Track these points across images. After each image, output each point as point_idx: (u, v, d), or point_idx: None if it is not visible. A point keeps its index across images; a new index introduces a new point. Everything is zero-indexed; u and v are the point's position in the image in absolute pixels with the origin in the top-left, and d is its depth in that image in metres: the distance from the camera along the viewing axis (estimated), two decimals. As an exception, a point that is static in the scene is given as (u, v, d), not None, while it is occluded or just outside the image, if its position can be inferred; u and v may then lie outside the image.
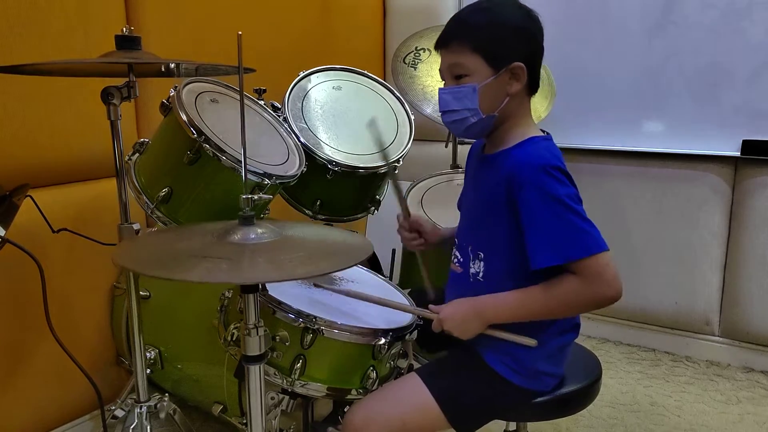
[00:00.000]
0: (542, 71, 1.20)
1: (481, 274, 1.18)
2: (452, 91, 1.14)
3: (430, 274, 1.36)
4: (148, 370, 1.51)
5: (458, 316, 1.14)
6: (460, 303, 1.16)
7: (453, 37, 1.13)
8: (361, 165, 1.69)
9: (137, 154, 1.46)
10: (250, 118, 1.58)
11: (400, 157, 1.76)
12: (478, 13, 1.13)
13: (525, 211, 1.07)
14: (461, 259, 1.24)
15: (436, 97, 1.19)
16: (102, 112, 1.27)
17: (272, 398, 1.31)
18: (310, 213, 1.75)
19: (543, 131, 1.19)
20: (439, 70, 1.19)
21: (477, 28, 1.11)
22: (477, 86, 1.11)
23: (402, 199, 1.37)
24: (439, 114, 1.19)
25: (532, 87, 1.17)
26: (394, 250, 2.21)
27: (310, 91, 1.82)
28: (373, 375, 1.26)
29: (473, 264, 1.19)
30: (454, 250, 1.28)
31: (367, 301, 1.30)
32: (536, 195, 1.05)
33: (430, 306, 1.20)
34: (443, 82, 1.19)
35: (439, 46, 1.16)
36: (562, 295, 1.07)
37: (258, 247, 1.01)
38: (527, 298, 1.10)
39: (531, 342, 1.13)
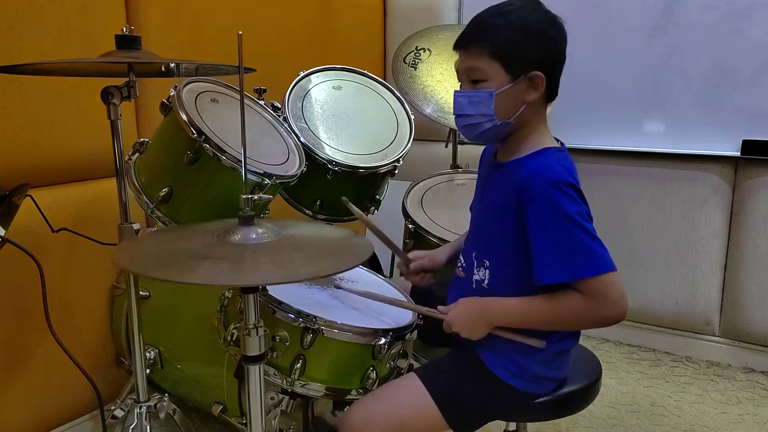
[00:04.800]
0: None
1: (486, 282, 1.17)
2: (468, 95, 1.11)
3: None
4: (148, 370, 1.51)
5: (464, 317, 1.14)
6: (467, 303, 1.15)
7: (472, 40, 1.10)
8: (361, 165, 1.69)
9: (137, 154, 1.45)
10: (251, 118, 1.58)
11: (401, 157, 1.77)
12: (499, 16, 1.09)
13: (534, 224, 1.05)
14: (465, 265, 1.23)
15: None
16: (102, 112, 1.27)
17: (272, 398, 1.31)
18: (310, 213, 1.75)
19: (557, 140, 1.17)
20: (456, 70, 1.16)
21: (496, 33, 1.08)
22: (494, 92, 1.08)
23: (397, 250, 1.41)
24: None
25: (551, 95, 1.14)
26: (394, 250, 2.20)
27: (310, 91, 1.82)
28: (373, 375, 1.26)
29: (477, 271, 1.18)
30: (460, 254, 1.27)
31: (379, 301, 1.30)
32: (547, 209, 1.03)
33: (439, 307, 1.19)
34: (459, 83, 1.15)
35: (458, 46, 1.13)
36: (565, 310, 1.06)
37: (259, 248, 1.01)
38: (531, 307, 1.09)
39: (540, 343, 1.13)
